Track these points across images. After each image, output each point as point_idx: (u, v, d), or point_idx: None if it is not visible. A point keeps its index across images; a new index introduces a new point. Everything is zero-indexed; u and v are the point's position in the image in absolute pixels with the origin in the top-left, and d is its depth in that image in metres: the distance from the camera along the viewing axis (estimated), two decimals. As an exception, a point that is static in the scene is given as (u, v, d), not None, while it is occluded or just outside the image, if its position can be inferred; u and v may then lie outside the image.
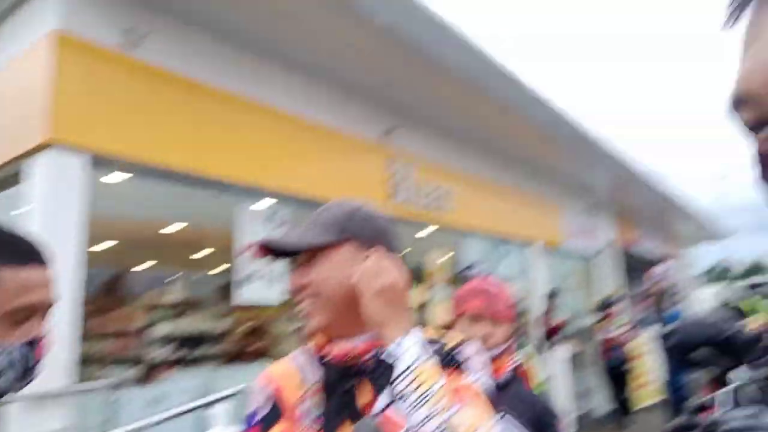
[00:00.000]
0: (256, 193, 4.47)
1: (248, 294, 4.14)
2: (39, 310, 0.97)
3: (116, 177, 3.86)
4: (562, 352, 6.68)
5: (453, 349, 1.06)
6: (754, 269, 51.90)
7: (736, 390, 1.64)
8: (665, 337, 5.83)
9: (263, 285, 4.26)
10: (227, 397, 2.51)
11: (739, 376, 1.79)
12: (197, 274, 7.43)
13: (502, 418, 1.56)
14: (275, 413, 1.06)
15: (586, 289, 10.52)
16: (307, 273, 1.08)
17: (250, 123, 4.36)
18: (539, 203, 8.75)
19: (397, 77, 5.17)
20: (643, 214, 12.86)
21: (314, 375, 1.09)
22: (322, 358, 1.10)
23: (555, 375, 6.89)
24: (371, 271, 1.01)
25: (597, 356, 7.32)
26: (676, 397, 6.22)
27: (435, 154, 6.47)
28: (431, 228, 6.49)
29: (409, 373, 0.91)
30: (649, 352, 8.83)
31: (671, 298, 6.43)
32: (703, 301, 9.95)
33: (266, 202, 4.58)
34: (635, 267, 14.49)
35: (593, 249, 10.56)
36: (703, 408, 2.44)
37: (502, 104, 5.89)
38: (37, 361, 0.97)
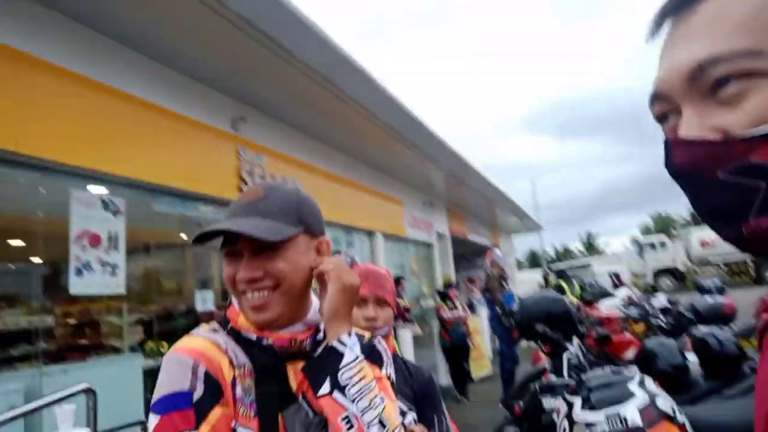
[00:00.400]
0: (93, 178, 4.16)
1: (85, 284, 3.86)
2: None
3: None
4: (409, 332, 7.17)
5: (370, 342, 1.10)
6: (563, 254, 59.50)
7: (569, 358, 2.03)
8: (510, 314, 6.57)
9: (102, 274, 4.00)
10: (68, 396, 2.37)
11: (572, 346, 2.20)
12: (16, 265, 6.64)
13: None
14: (213, 394, 0.98)
15: (426, 274, 11.40)
16: (264, 263, 1.06)
17: (87, 102, 4.05)
18: (383, 196, 9.25)
19: (247, 66, 5.13)
20: (472, 207, 14.19)
21: (241, 358, 1.05)
22: (250, 341, 1.08)
23: (404, 353, 7.32)
24: (343, 267, 1.09)
25: (439, 335, 7.97)
26: (509, 366, 7.04)
27: (285, 146, 6.53)
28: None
29: (356, 364, 1.01)
30: (482, 329, 9.84)
31: (504, 280, 7.24)
32: (522, 283, 11.26)
33: (104, 188, 4.29)
34: (466, 254, 15.97)
35: (430, 238, 11.43)
36: (540, 373, 2.88)
37: (351, 99, 6.11)
38: None
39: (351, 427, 0.96)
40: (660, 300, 6.96)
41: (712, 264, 24.62)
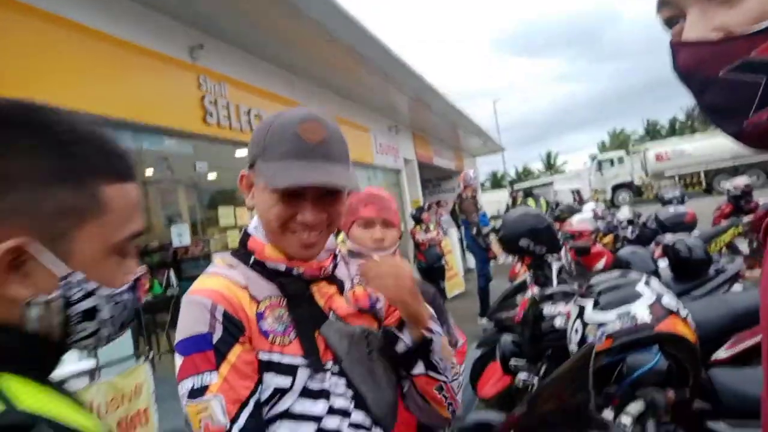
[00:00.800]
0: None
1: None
2: (135, 240, 0.76)
3: None
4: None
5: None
6: (524, 174, 60.61)
7: (559, 270, 2.09)
8: (486, 235, 6.71)
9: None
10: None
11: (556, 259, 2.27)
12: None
13: None
14: (232, 333, 0.99)
15: (396, 200, 11.47)
16: (327, 207, 1.07)
17: (35, 33, 3.76)
18: (349, 124, 9.10)
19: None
20: (436, 132, 14.15)
21: (264, 290, 1.07)
22: (277, 272, 1.09)
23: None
24: (392, 268, 1.13)
25: (414, 257, 8.14)
26: (483, 284, 7.28)
27: (247, 74, 6.28)
28: (245, 151, 6.39)
29: (441, 343, 1.14)
30: (454, 249, 10.12)
31: (476, 201, 7.35)
32: (487, 204, 11.50)
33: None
34: (432, 178, 16.11)
35: (398, 164, 11.43)
36: (522, 286, 2.98)
37: (312, 22, 5.82)
38: (140, 304, 0.83)
39: (442, 390, 1.16)
40: (624, 213, 7.24)
41: (666, 177, 25.52)
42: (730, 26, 0.49)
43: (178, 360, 0.99)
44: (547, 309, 2.00)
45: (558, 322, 1.94)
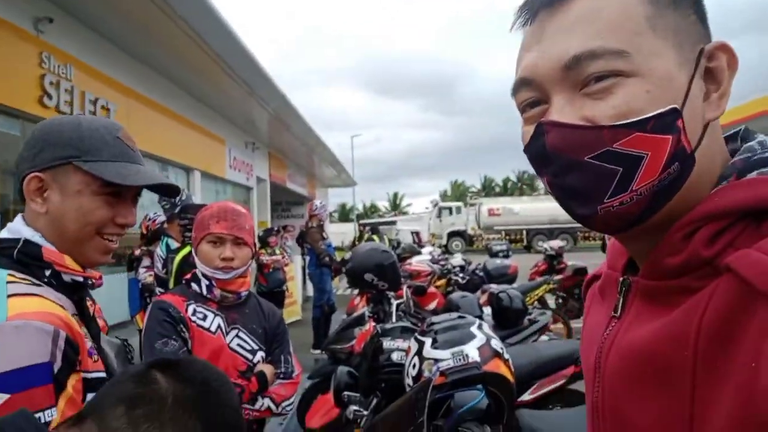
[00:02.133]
0: None
1: None
2: None
3: None
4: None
5: None
6: (370, 210, 62.55)
7: (398, 305, 2.21)
8: (342, 262, 6.72)
9: None
10: None
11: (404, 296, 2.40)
12: None
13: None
14: (70, 362, 0.92)
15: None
16: (133, 210, 1.13)
17: None
18: (204, 133, 8.75)
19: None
20: (293, 155, 14.14)
21: (67, 305, 1.01)
22: (70, 285, 1.04)
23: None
24: None
25: (255, 279, 7.93)
26: (318, 314, 7.28)
27: (99, 60, 5.76)
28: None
29: None
30: (296, 276, 10.05)
31: (323, 231, 7.39)
32: (334, 236, 11.67)
33: None
34: (282, 201, 15.97)
35: (250, 182, 11.17)
36: (361, 319, 3.06)
37: (179, 17, 5.42)
38: None
39: None
40: (457, 259, 7.84)
41: (495, 230, 28.16)
42: (596, 118, 0.53)
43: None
44: (387, 343, 2.10)
45: (395, 356, 2.04)
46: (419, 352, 1.75)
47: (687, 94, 0.54)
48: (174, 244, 3.03)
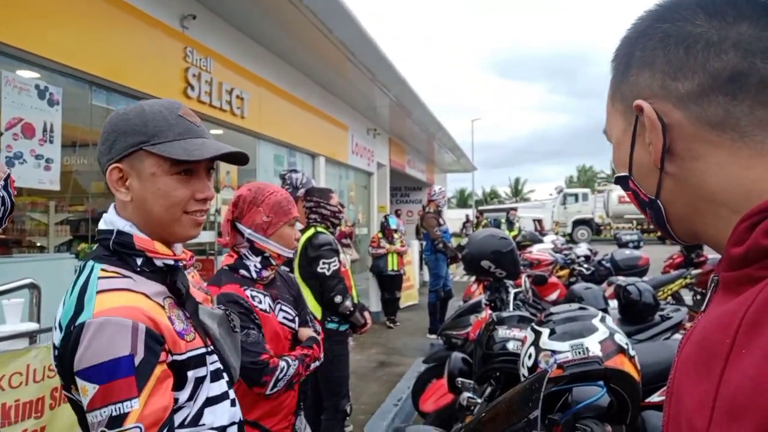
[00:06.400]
0: (26, 61, 3.80)
1: (18, 176, 3.61)
2: None
3: None
4: (348, 256, 7.30)
5: None
6: (490, 196, 61.46)
7: (515, 294, 2.16)
8: (458, 248, 6.74)
9: (35, 167, 3.75)
10: (11, 291, 2.26)
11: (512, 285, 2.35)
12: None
13: None
14: (153, 354, 0.98)
15: (363, 202, 11.51)
16: (209, 184, 1.14)
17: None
18: (330, 119, 9.08)
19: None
20: (413, 141, 14.23)
21: (158, 292, 1.07)
22: (162, 269, 1.09)
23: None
24: None
25: (373, 263, 8.18)
26: (434, 300, 7.32)
27: (235, 53, 6.19)
28: (220, 130, 6.31)
29: None
30: (413, 261, 10.20)
31: (441, 217, 7.40)
32: (451, 222, 11.60)
33: (38, 74, 3.93)
34: (402, 185, 16.18)
35: (371, 167, 11.44)
36: (477, 306, 3.03)
37: (307, 9, 5.75)
38: (13, 201, 0.85)
39: None
40: (582, 249, 7.44)
41: (626, 219, 26.32)
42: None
43: (91, 387, 0.93)
44: (502, 332, 2.04)
45: (511, 346, 1.99)
46: (536, 343, 1.68)
47: (631, 155, 0.63)
48: (298, 225, 3.17)
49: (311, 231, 3.11)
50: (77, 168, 6.19)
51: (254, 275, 1.83)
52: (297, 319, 1.93)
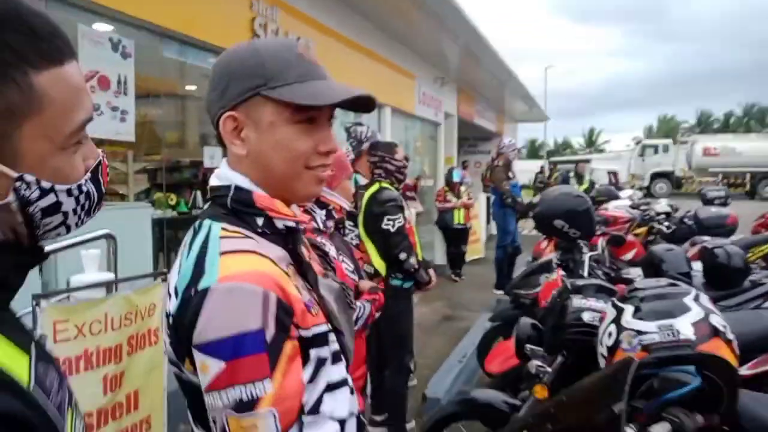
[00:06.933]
0: (101, 14, 3.86)
1: (95, 127, 3.73)
2: (88, 123, 0.68)
3: None
4: (413, 208, 7.26)
5: None
6: (562, 147, 59.26)
7: (592, 257, 1.99)
8: (530, 206, 6.53)
9: (112, 119, 3.86)
10: (89, 240, 2.35)
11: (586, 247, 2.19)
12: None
13: None
14: (284, 327, 0.84)
15: (430, 153, 11.32)
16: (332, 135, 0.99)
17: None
18: (395, 68, 8.84)
19: None
20: (482, 90, 13.72)
21: (280, 257, 0.93)
22: (283, 231, 0.97)
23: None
24: None
25: (438, 216, 8.11)
26: (501, 255, 7.18)
27: (300, 2, 6.07)
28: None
29: None
30: (480, 214, 10.07)
31: (510, 170, 7.15)
32: (521, 173, 11.22)
33: (112, 27, 3.99)
34: (470, 136, 15.78)
35: (438, 117, 11.16)
36: (547, 266, 2.89)
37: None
38: (106, 188, 0.75)
39: None
40: (662, 205, 6.98)
41: (710, 173, 24.65)
42: None
43: (215, 366, 0.80)
44: (577, 301, 1.92)
45: (586, 317, 1.86)
46: (617, 320, 1.54)
47: None
48: (362, 180, 3.11)
49: (376, 186, 3.05)
50: (151, 118, 6.38)
51: (321, 226, 1.87)
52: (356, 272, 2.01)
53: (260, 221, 0.94)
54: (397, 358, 3.06)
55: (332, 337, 0.97)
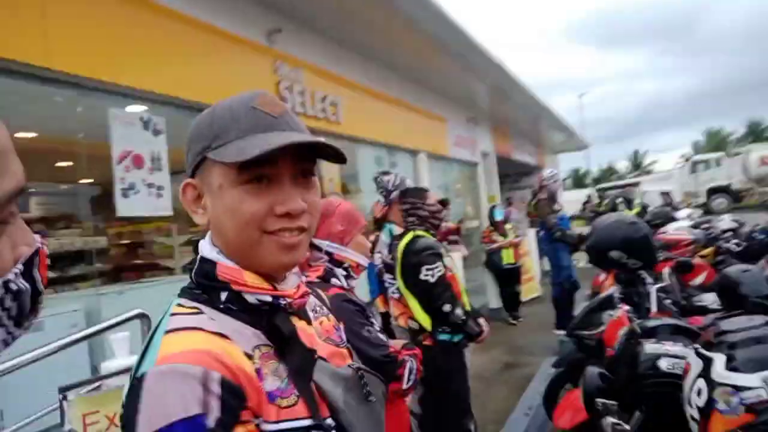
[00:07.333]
0: (131, 96, 3.96)
1: (132, 206, 3.76)
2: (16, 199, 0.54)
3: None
4: (457, 253, 7.04)
5: None
6: (607, 173, 57.90)
7: (656, 290, 1.74)
8: (581, 239, 6.21)
9: (148, 195, 3.89)
10: (124, 321, 2.26)
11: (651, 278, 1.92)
12: (60, 186, 6.68)
13: None
14: (233, 410, 0.70)
15: (471, 194, 11.14)
16: (302, 193, 0.83)
17: (119, 15, 3.76)
18: (425, 114, 8.84)
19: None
20: (517, 125, 13.57)
21: (247, 337, 0.80)
22: (258, 307, 0.83)
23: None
24: None
25: (487, 258, 7.83)
26: (557, 293, 6.80)
27: (324, 60, 6.16)
28: (320, 137, 6.30)
29: None
30: (531, 251, 9.70)
31: (555, 202, 6.85)
32: (567, 204, 10.84)
33: (142, 107, 4.09)
34: (511, 173, 15.53)
35: (475, 157, 11.03)
36: (608, 302, 2.62)
37: (391, 7, 5.64)
38: (45, 285, 0.60)
39: None
40: (725, 221, 6.50)
41: (772, 182, 23.34)
42: None
43: None
44: (650, 347, 1.66)
45: (663, 365, 1.60)
46: (706, 373, 1.28)
47: None
48: (396, 230, 2.96)
49: (410, 235, 2.88)
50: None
51: (345, 284, 1.77)
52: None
53: (224, 296, 0.82)
54: (456, 421, 2.80)
55: None
